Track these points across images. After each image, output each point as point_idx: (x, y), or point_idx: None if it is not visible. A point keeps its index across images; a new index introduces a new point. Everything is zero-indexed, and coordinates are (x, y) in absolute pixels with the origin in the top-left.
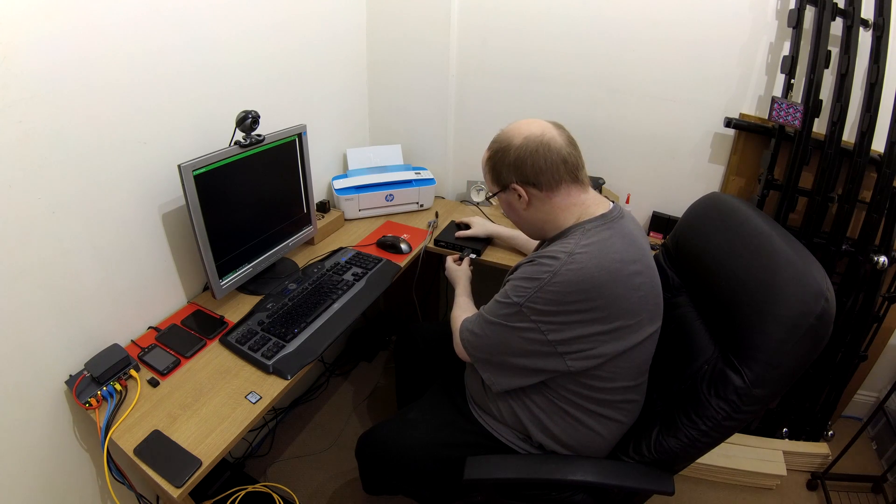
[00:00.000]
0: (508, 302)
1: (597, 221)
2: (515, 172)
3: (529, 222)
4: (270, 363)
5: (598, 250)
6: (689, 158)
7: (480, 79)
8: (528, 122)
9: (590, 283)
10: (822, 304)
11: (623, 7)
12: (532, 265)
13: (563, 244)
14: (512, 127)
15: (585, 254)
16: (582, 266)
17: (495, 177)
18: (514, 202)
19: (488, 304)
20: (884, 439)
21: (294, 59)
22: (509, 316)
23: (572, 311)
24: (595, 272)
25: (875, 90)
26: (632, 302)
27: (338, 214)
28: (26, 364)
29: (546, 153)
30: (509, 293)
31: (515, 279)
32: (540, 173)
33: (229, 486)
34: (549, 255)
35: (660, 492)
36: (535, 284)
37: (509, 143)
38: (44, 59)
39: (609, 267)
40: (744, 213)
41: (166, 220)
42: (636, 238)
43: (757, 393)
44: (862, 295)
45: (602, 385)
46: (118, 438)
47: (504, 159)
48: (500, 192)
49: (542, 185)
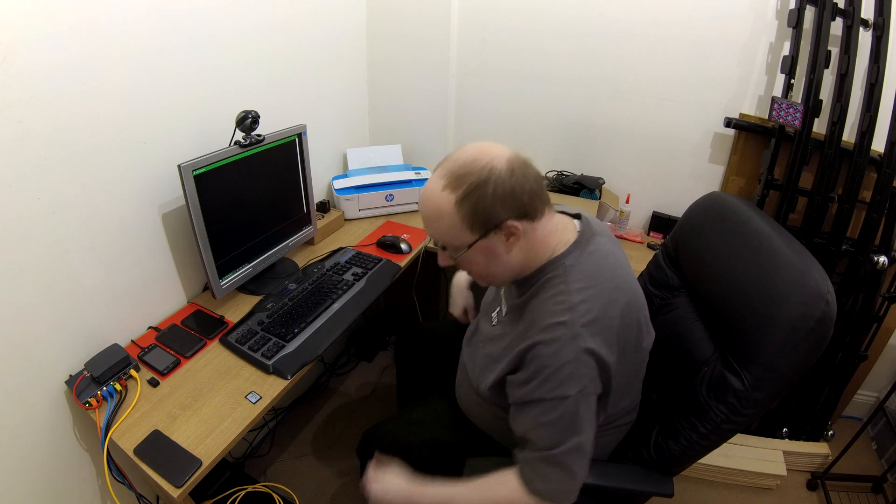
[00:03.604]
0: (564, 397)
1: (576, 253)
2: (511, 205)
3: (508, 267)
4: (270, 363)
5: (598, 293)
6: (689, 158)
7: (480, 79)
8: (484, 145)
9: (609, 329)
10: (822, 306)
11: (623, 7)
12: (540, 349)
13: (554, 300)
14: (475, 153)
15: (589, 301)
16: (594, 318)
17: (477, 220)
18: (499, 247)
19: (538, 436)
20: (884, 439)
21: (294, 59)
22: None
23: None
24: (607, 320)
25: (875, 90)
26: (631, 329)
27: (338, 214)
28: (26, 364)
29: (533, 173)
30: (556, 392)
31: (540, 377)
32: (534, 198)
33: (229, 486)
34: (549, 326)
35: (659, 494)
36: (569, 364)
37: (491, 172)
38: (44, 59)
39: (611, 312)
40: (744, 213)
41: (166, 220)
42: (614, 253)
43: (756, 396)
44: (862, 295)
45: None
46: (118, 438)
47: (493, 192)
48: (480, 240)
49: (537, 212)
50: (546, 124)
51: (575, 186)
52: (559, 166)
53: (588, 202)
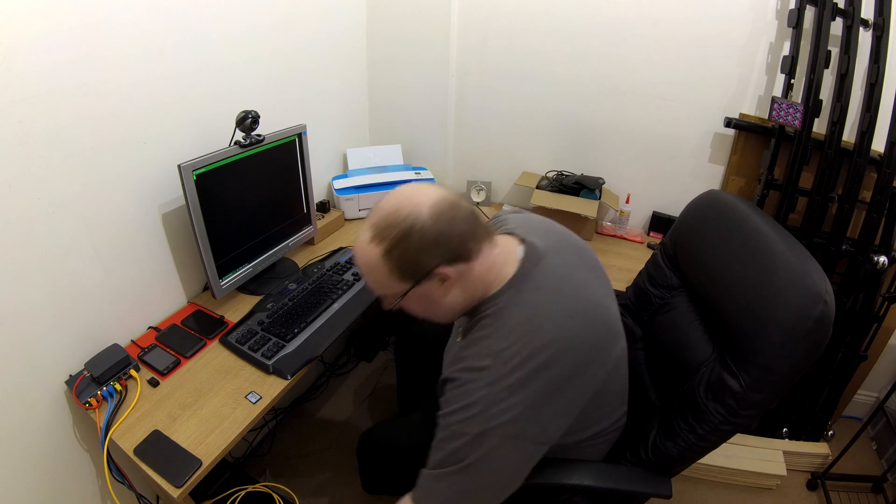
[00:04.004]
0: (462, 433)
1: (511, 291)
2: (439, 251)
3: (449, 308)
4: (270, 363)
5: (528, 341)
6: (689, 158)
7: (480, 78)
8: (410, 191)
9: (536, 373)
10: (820, 307)
11: (623, 7)
12: (458, 387)
13: (481, 343)
14: (398, 203)
15: (516, 345)
16: (518, 364)
17: (406, 270)
18: (434, 292)
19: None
20: (884, 439)
21: (294, 58)
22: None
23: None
24: (536, 366)
25: (875, 90)
26: (586, 354)
27: (338, 214)
28: (26, 364)
29: (463, 213)
30: (455, 429)
31: (448, 410)
32: (467, 238)
33: (229, 486)
34: (469, 368)
35: (657, 495)
36: (480, 404)
37: (414, 222)
38: (44, 58)
39: (542, 357)
40: (742, 211)
41: (166, 220)
42: (564, 275)
43: (754, 398)
44: (862, 295)
45: (583, 435)
46: (118, 438)
47: (418, 242)
48: (413, 288)
49: (470, 253)
50: (546, 124)
51: (575, 186)
52: (559, 166)
53: (588, 202)
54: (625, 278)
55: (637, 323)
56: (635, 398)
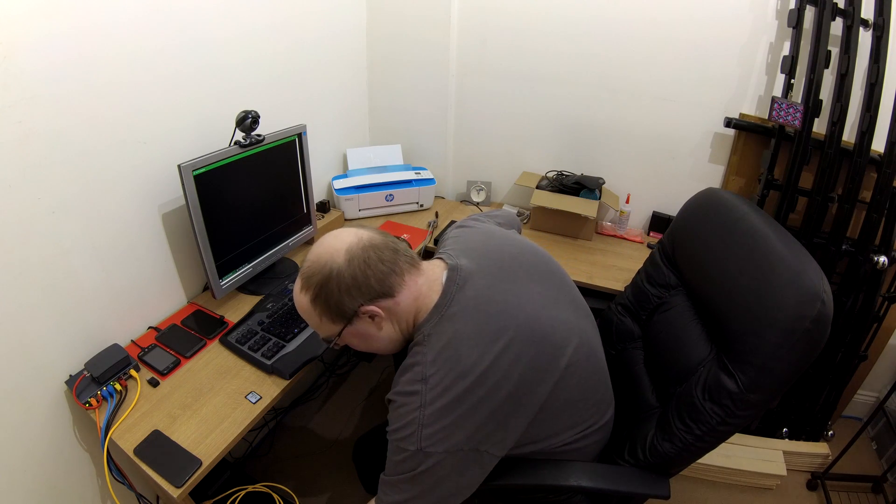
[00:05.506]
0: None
1: (434, 319)
2: (359, 292)
3: (388, 340)
4: (270, 363)
5: (453, 366)
6: (689, 158)
7: (480, 79)
8: (331, 238)
9: (464, 396)
10: (818, 306)
11: (623, 7)
12: (395, 409)
13: (413, 369)
14: (319, 252)
15: (440, 372)
16: (444, 389)
17: (334, 313)
18: (367, 328)
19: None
20: (884, 439)
21: (294, 58)
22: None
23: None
24: (463, 384)
25: (875, 90)
26: (513, 374)
27: (338, 214)
28: (26, 364)
29: (379, 252)
30: (397, 445)
31: (390, 428)
32: (386, 275)
33: (229, 486)
34: (402, 393)
35: (655, 495)
36: (413, 426)
37: (331, 268)
38: (44, 59)
39: (467, 377)
40: (740, 210)
41: (166, 220)
42: (492, 297)
43: (751, 398)
44: (862, 295)
45: (553, 442)
46: (118, 438)
47: (337, 287)
48: (346, 328)
49: (393, 288)
50: (546, 124)
51: (575, 186)
52: (559, 166)
53: (588, 202)
54: (625, 278)
55: (635, 322)
56: (634, 398)
